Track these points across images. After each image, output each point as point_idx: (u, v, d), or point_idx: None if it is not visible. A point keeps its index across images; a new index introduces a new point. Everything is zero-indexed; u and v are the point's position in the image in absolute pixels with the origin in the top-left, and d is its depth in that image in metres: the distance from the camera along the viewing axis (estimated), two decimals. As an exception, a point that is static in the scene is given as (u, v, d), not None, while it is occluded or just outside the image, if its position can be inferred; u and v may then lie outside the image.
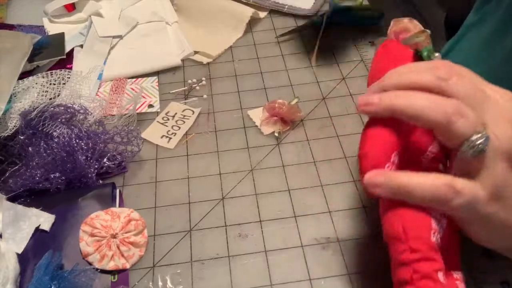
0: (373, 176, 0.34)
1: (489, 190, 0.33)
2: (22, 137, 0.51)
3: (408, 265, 0.32)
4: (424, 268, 0.31)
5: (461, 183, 0.33)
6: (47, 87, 0.59)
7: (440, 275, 0.32)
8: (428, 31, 0.43)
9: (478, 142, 0.32)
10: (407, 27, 0.43)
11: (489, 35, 0.52)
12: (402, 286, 0.32)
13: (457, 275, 0.35)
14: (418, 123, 0.34)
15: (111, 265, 0.44)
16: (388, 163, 0.34)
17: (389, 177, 0.33)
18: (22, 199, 0.49)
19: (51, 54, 0.66)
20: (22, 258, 0.45)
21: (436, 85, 0.34)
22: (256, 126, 0.58)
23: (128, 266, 0.45)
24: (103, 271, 0.44)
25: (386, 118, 0.34)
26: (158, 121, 0.59)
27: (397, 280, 0.33)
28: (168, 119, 0.59)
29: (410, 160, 0.35)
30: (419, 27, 0.44)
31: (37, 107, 0.51)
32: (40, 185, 0.49)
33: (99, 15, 0.73)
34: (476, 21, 0.55)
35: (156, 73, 0.66)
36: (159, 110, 0.60)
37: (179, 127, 0.58)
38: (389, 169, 0.34)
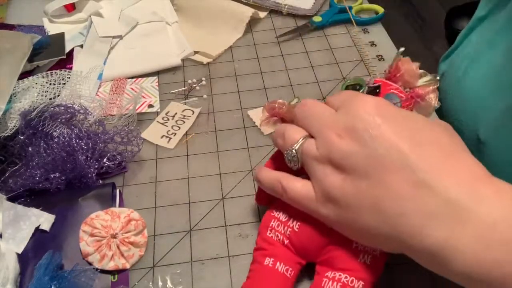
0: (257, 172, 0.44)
1: (318, 192, 0.38)
2: (22, 137, 0.51)
3: (254, 251, 0.43)
4: (256, 255, 0.43)
5: (288, 182, 0.40)
6: (47, 87, 0.59)
7: (270, 261, 0.41)
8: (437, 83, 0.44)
9: (290, 155, 0.40)
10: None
11: (494, 33, 0.52)
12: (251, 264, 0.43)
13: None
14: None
15: (111, 265, 0.44)
16: None
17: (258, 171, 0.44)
18: (22, 199, 0.49)
19: (51, 54, 0.66)
20: (22, 258, 0.45)
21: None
22: (256, 126, 0.58)
23: (128, 266, 0.45)
24: (103, 271, 0.44)
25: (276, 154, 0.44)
26: (158, 121, 0.59)
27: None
28: (168, 119, 0.59)
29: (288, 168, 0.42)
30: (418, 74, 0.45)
31: (37, 107, 0.51)
32: (40, 185, 0.49)
33: (99, 15, 0.73)
34: (484, 16, 0.54)
35: (156, 73, 0.66)
36: (159, 110, 0.60)
37: (179, 127, 0.58)
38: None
